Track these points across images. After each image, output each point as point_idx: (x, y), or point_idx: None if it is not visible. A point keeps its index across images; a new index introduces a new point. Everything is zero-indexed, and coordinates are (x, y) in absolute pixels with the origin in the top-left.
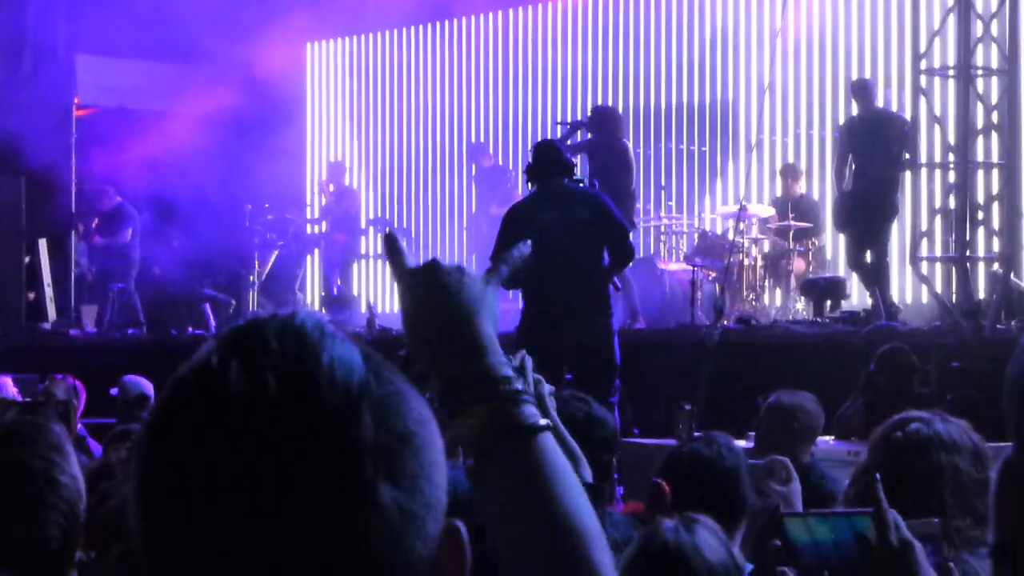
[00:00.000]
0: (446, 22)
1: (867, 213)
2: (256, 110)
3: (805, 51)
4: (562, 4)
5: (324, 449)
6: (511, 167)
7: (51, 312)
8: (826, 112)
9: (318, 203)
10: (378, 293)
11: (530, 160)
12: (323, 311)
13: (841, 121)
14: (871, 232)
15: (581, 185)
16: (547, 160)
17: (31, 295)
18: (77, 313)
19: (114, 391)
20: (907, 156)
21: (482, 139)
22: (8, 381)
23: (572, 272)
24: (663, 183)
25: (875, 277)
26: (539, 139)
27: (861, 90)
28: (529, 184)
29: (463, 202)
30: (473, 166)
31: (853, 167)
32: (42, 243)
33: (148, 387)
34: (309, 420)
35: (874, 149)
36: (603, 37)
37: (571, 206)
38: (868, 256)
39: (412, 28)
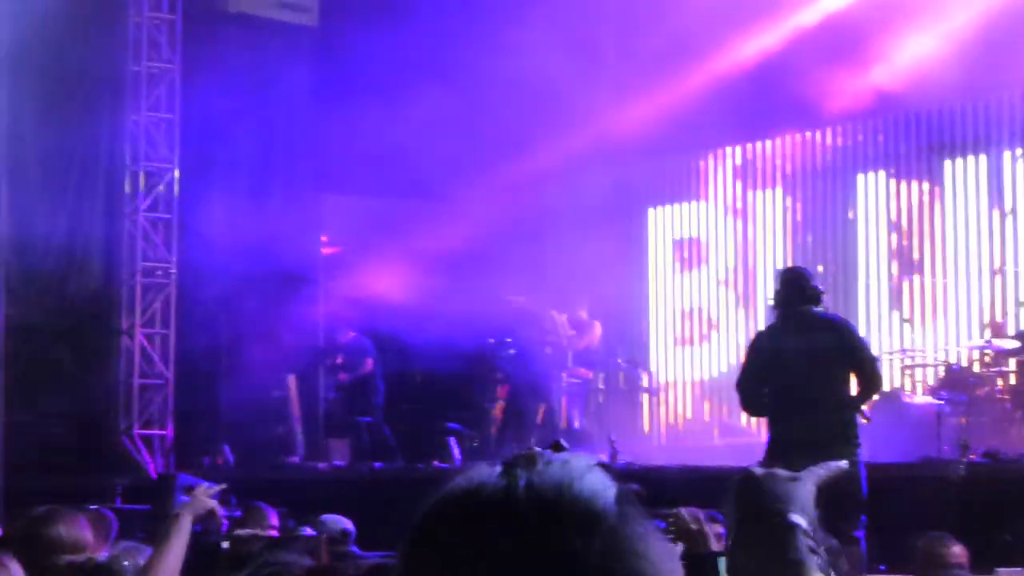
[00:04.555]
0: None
1: None
2: (498, 247)
3: None
4: None
5: (551, 561)
6: None
7: (300, 446)
8: None
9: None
10: (619, 427)
11: (776, 287)
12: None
13: None
14: None
15: (826, 312)
16: (792, 287)
17: (280, 429)
18: (325, 446)
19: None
20: None
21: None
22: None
23: (817, 401)
24: (906, 315)
25: None
26: (784, 266)
27: None
28: (774, 311)
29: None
30: None
31: None
32: (291, 379)
33: (348, 523)
34: (543, 530)
35: None
36: None
37: (816, 333)
38: None
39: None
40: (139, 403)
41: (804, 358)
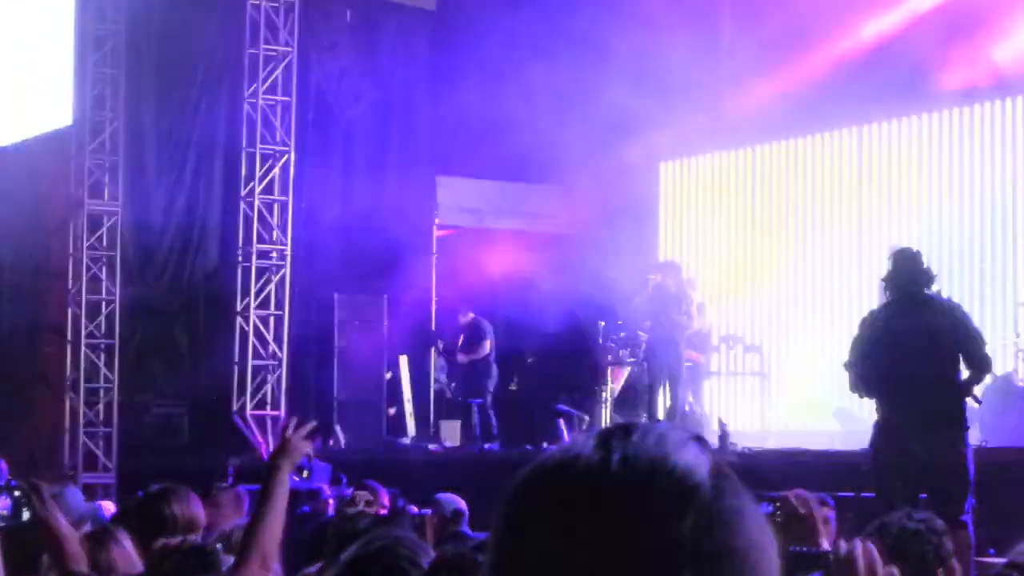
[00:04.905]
0: (804, 138)
1: None
2: (610, 228)
3: None
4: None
5: (642, 535)
6: None
7: (411, 427)
8: None
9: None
10: (730, 411)
11: (889, 267)
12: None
13: None
14: None
15: (938, 295)
16: (906, 268)
17: (392, 410)
18: (436, 428)
19: (426, 511)
20: None
21: (837, 258)
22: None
23: (927, 382)
24: (1020, 299)
25: None
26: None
27: None
28: (886, 291)
29: (826, 320)
30: None
31: None
32: (403, 360)
33: (461, 503)
34: (635, 503)
35: None
36: None
37: (928, 316)
38: None
39: (767, 145)
40: (253, 384)
41: (916, 340)
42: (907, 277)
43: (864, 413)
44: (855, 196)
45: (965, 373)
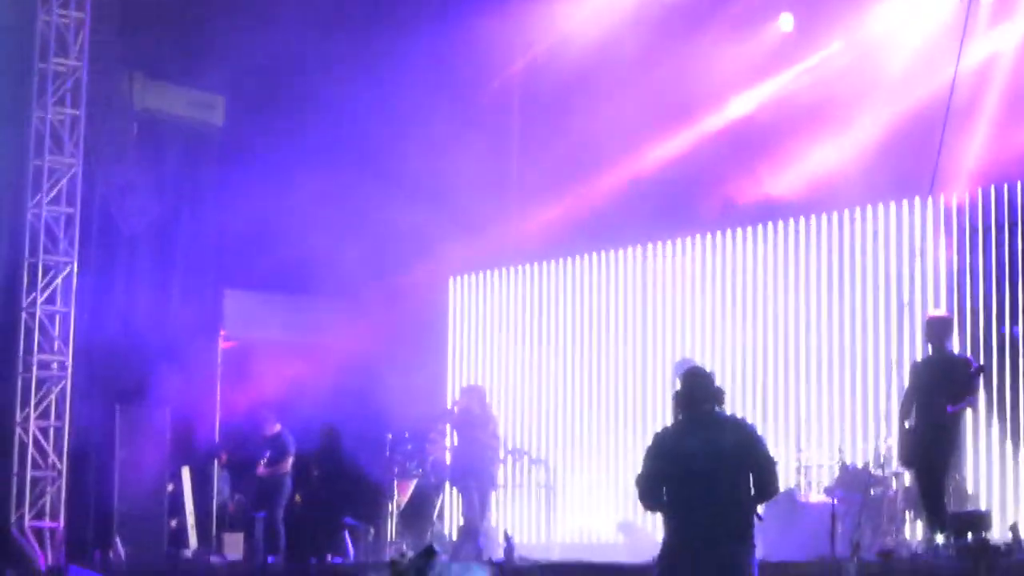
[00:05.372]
0: (590, 255)
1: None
2: (399, 342)
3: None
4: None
5: None
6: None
7: (192, 540)
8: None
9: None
10: (515, 523)
11: (679, 385)
12: (459, 541)
13: None
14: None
15: (728, 413)
16: (696, 386)
17: (173, 523)
18: (218, 541)
19: None
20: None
21: (621, 372)
22: None
23: (717, 501)
24: (802, 415)
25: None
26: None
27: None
28: (676, 409)
29: (611, 433)
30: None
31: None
32: (185, 471)
33: None
34: None
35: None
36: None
37: (719, 433)
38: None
39: (555, 261)
40: (31, 494)
41: (706, 457)
42: (697, 395)
43: (648, 526)
44: (639, 311)
45: (752, 491)
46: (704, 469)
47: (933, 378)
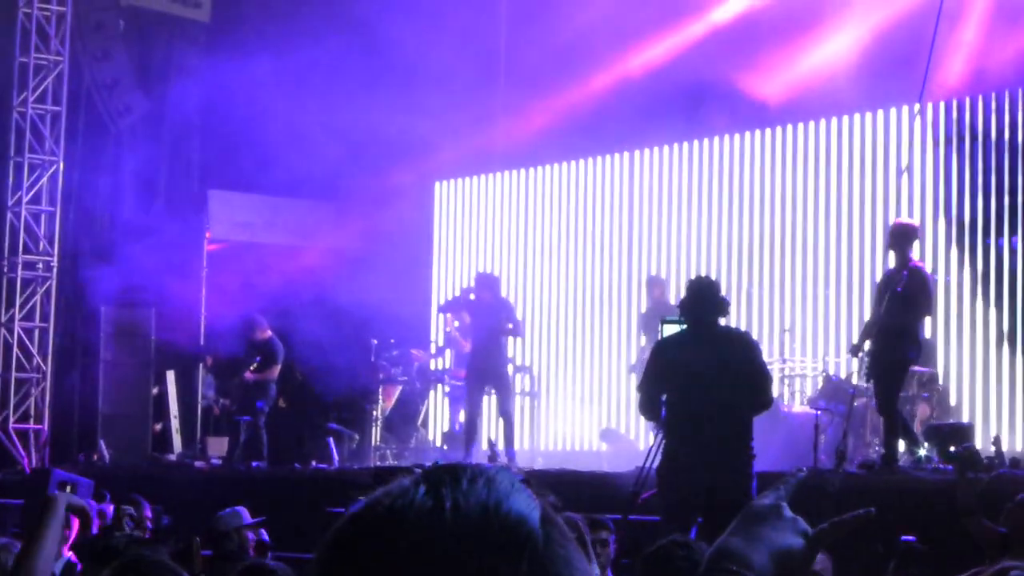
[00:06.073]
0: (578, 161)
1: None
2: (384, 247)
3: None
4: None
5: None
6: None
7: (177, 443)
8: (939, 257)
9: (442, 336)
10: (498, 430)
11: (684, 295)
12: (444, 447)
13: None
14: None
15: (731, 327)
16: (702, 298)
17: (158, 426)
18: (203, 445)
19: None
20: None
21: (608, 281)
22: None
23: (718, 411)
24: (787, 325)
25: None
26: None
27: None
28: (681, 318)
29: (596, 342)
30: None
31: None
32: (170, 375)
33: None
34: (470, 553)
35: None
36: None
37: (719, 344)
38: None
39: (542, 168)
40: (16, 396)
41: (708, 369)
42: (702, 307)
43: (632, 434)
44: (625, 220)
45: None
46: (706, 380)
47: (884, 288)
